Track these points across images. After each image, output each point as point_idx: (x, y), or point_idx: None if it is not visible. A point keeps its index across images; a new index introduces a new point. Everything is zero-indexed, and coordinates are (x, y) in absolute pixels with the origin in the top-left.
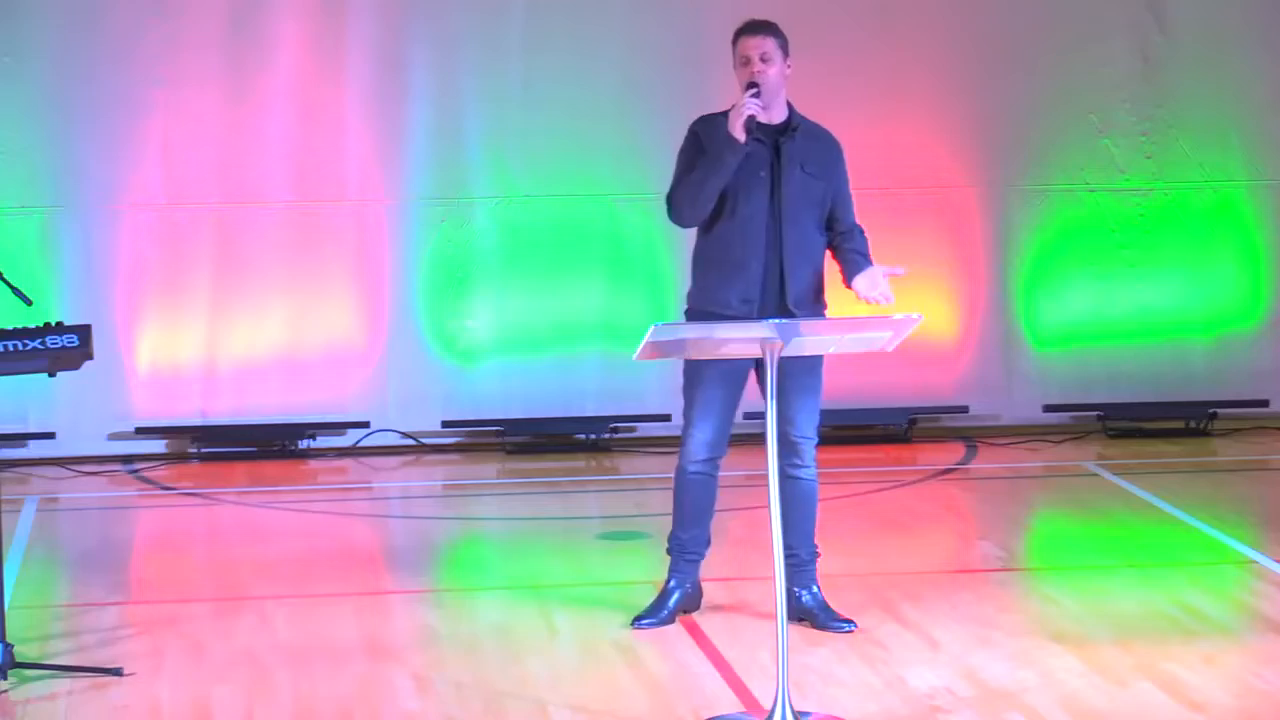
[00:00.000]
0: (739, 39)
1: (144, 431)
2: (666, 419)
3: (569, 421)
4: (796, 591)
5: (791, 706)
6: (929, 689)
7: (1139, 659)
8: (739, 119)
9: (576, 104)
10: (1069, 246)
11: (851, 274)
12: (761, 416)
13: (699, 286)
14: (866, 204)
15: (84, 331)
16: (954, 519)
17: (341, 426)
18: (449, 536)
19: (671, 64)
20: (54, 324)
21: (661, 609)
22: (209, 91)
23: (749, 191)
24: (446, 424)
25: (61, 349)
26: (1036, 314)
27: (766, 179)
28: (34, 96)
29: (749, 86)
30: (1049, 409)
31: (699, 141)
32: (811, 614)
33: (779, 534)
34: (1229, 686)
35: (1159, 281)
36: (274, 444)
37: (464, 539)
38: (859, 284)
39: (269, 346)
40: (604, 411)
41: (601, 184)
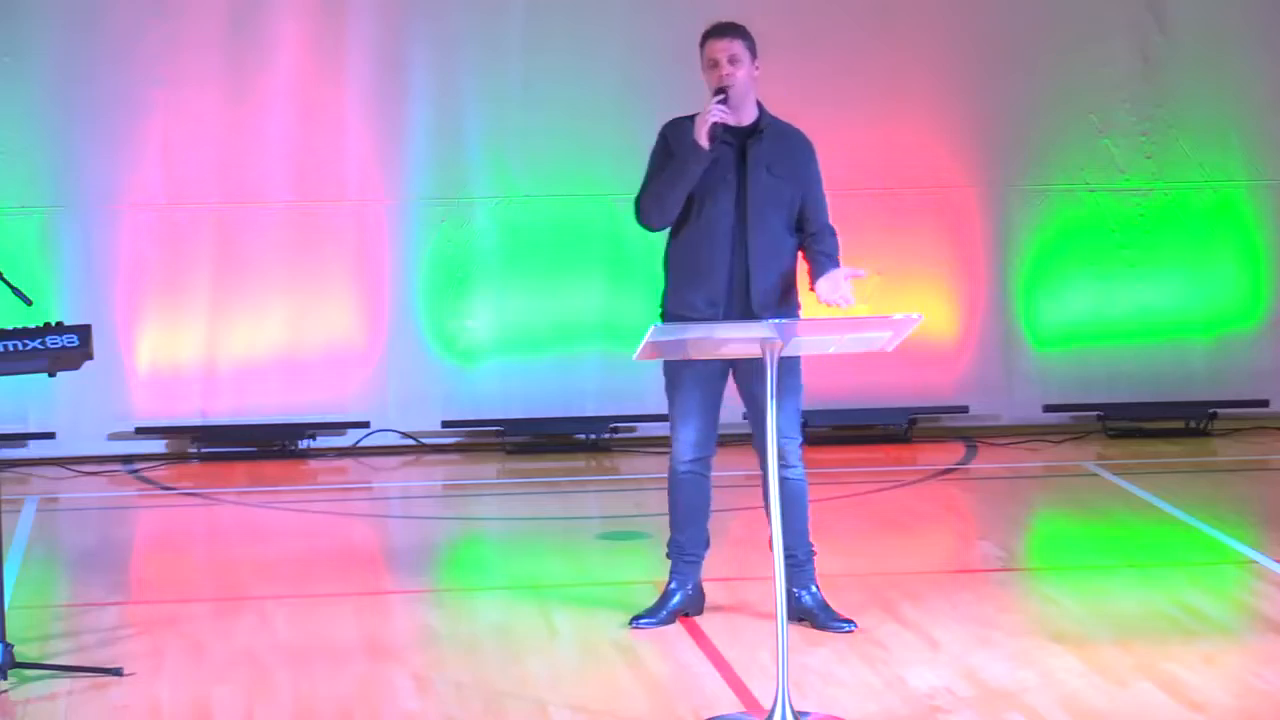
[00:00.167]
0: (706, 42)
1: (144, 431)
2: (666, 419)
3: (569, 421)
4: (796, 592)
5: (791, 706)
6: (929, 689)
7: (1139, 659)
8: (704, 126)
9: (576, 104)
10: (1069, 246)
11: (816, 276)
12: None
13: (669, 290)
14: (866, 204)
15: (84, 331)
16: (954, 519)
17: (341, 426)
18: (449, 536)
19: (671, 64)
20: (54, 324)
21: (661, 610)
22: (209, 91)
23: (715, 195)
24: (446, 424)
25: (61, 349)
26: (1036, 314)
27: (733, 182)
28: (34, 96)
29: (717, 92)
30: (1049, 409)
31: (668, 145)
32: (811, 614)
33: (779, 534)
34: (1229, 686)
35: (1159, 281)
36: (274, 444)
37: (464, 539)
38: (821, 286)
39: (269, 346)
40: (604, 411)
41: (601, 184)
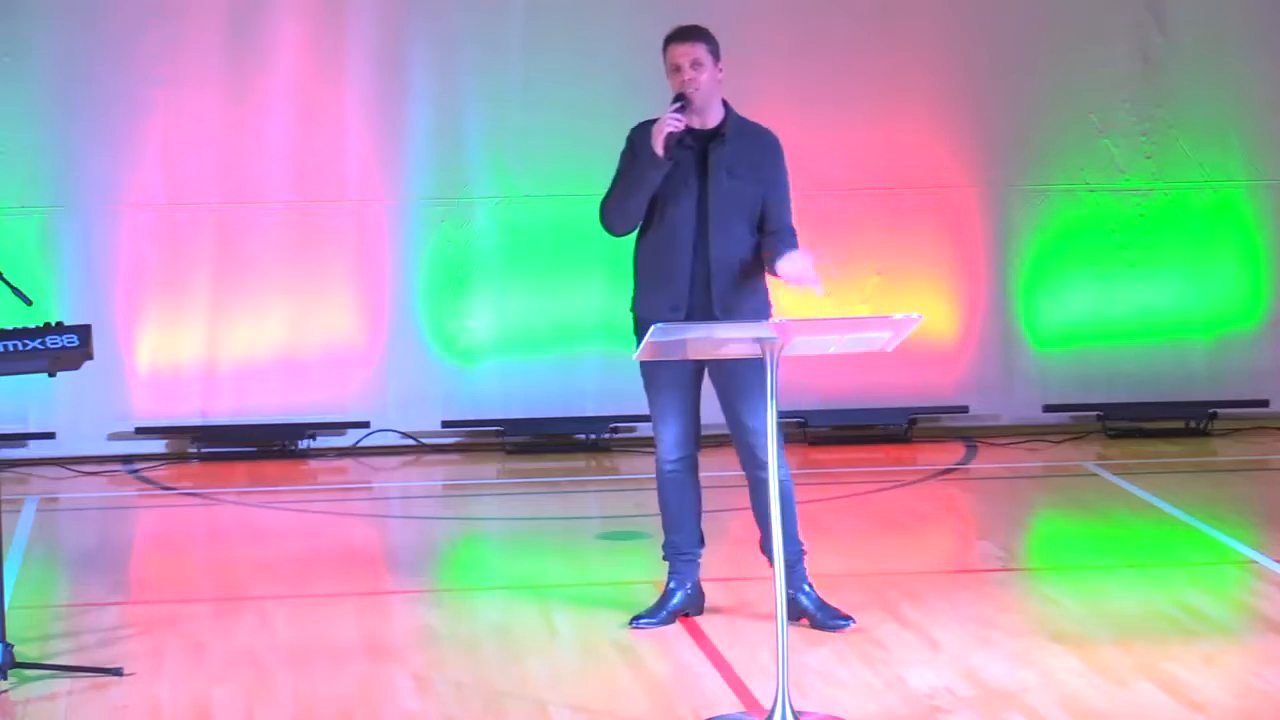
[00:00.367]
0: (668, 46)
1: (144, 431)
2: None
3: (569, 421)
4: (791, 593)
5: (791, 706)
6: (929, 689)
7: (1139, 659)
8: (659, 135)
9: (576, 104)
10: (1069, 246)
11: (774, 259)
12: None
13: (636, 293)
14: (866, 204)
15: (84, 331)
16: (954, 519)
17: (341, 426)
18: (449, 536)
19: None
20: (54, 324)
21: (661, 610)
22: (209, 91)
23: (676, 198)
24: (446, 424)
25: (61, 349)
26: (1036, 314)
27: (694, 186)
28: (34, 96)
29: (676, 99)
30: (1049, 409)
31: (634, 149)
32: (809, 613)
33: (779, 533)
34: (1229, 686)
35: (1159, 281)
36: (274, 444)
37: (464, 539)
38: (782, 267)
39: (269, 346)
40: (604, 411)
41: (601, 184)
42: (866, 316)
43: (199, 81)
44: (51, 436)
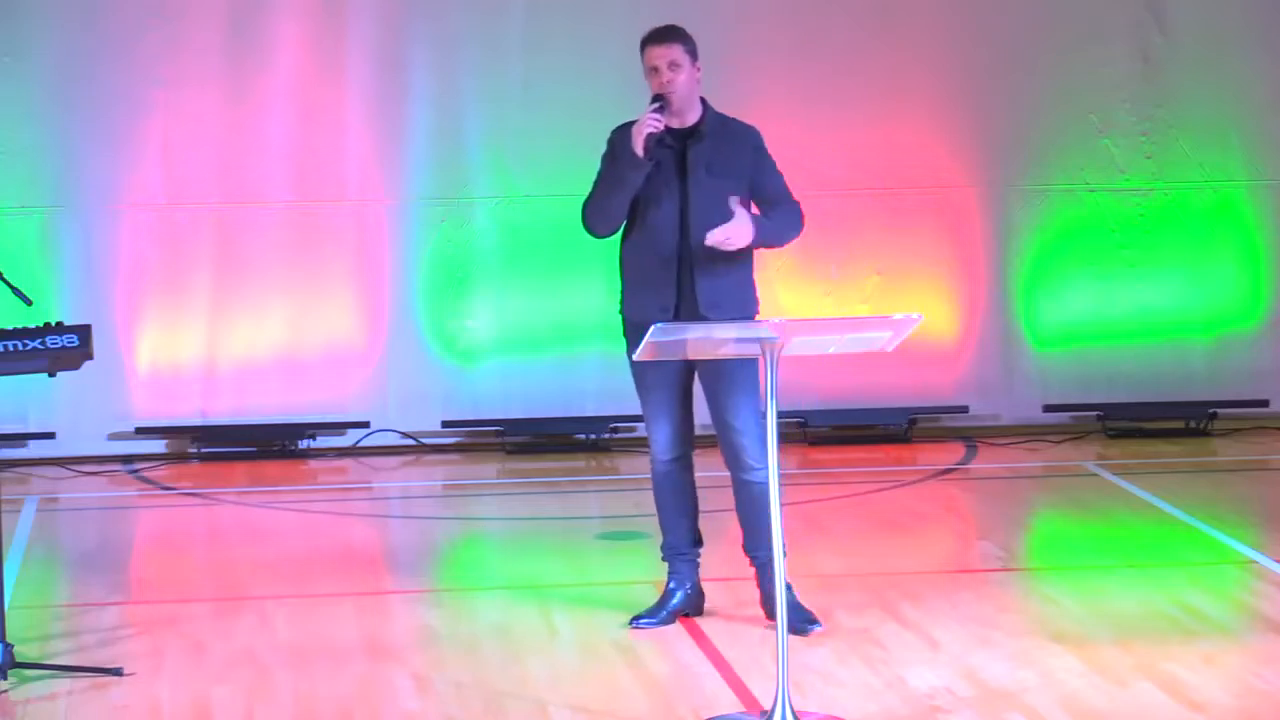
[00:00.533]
0: (645, 48)
1: (144, 431)
2: None
3: (569, 421)
4: (766, 591)
5: (791, 706)
6: (929, 689)
7: (1139, 659)
8: (639, 136)
9: (576, 104)
10: (1069, 246)
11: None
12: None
13: (624, 295)
14: (866, 204)
15: (84, 331)
16: (954, 519)
17: (341, 426)
18: (449, 536)
19: None
20: (54, 324)
21: (661, 610)
22: (209, 91)
23: (658, 199)
24: (446, 424)
25: (61, 349)
26: (1036, 314)
27: (675, 185)
28: (34, 96)
29: (655, 99)
30: (1049, 409)
31: (614, 151)
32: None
33: (779, 533)
34: (1229, 686)
35: (1159, 281)
36: (274, 444)
37: (464, 539)
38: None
39: (269, 346)
40: (604, 411)
41: None
42: (866, 316)
43: (199, 81)
44: (51, 436)
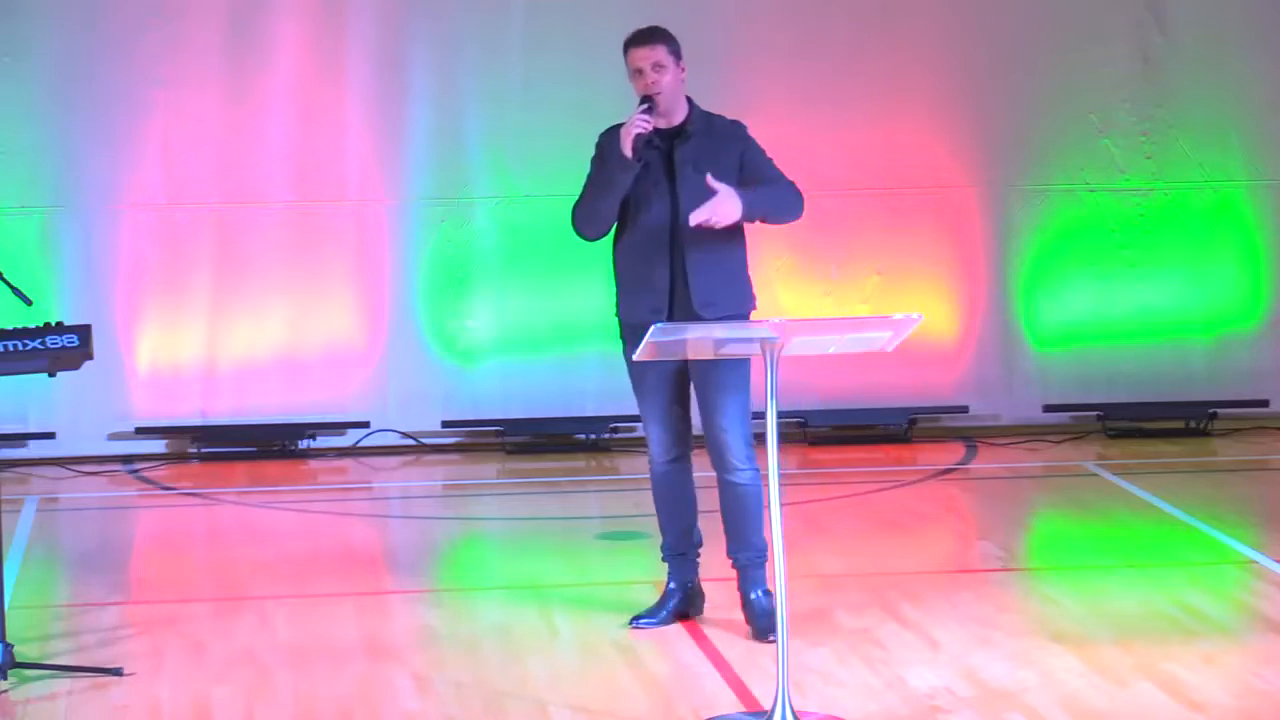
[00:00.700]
0: (628, 50)
1: (144, 431)
2: None
3: (569, 421)
4: (743, 594)
5: (791, 706)
6: (929, 689)
7: (1139, 659)
8: (627, 137)
9: (576, 104)
10: (1069, 246)
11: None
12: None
13: (619, 298)
14: (866, 204)
15: (84, 331)
16: (954, 519)
17: (341, 426)
18: (449, 536)
19: None
20: (54, 324)
21: (661, 610)
22: (209, 91)
23: (648, 200)
24: (446, 424)
25: (61, 349)
26: (1036, 314)
27: (664, 185)
28: (34, 96)
29: (643, 101)
30: (1049, 409)
31: (603, 154)
32: (753, 616)
33: (779, 533)
34: (1229, 686)
35: (1159, 281)
36: (274, 444)
37: (464, 539)
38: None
39: (269, 346)
40: (604, 411)
41: None
42: (866, 316)
43: (199, 81)
44: (51, 436)
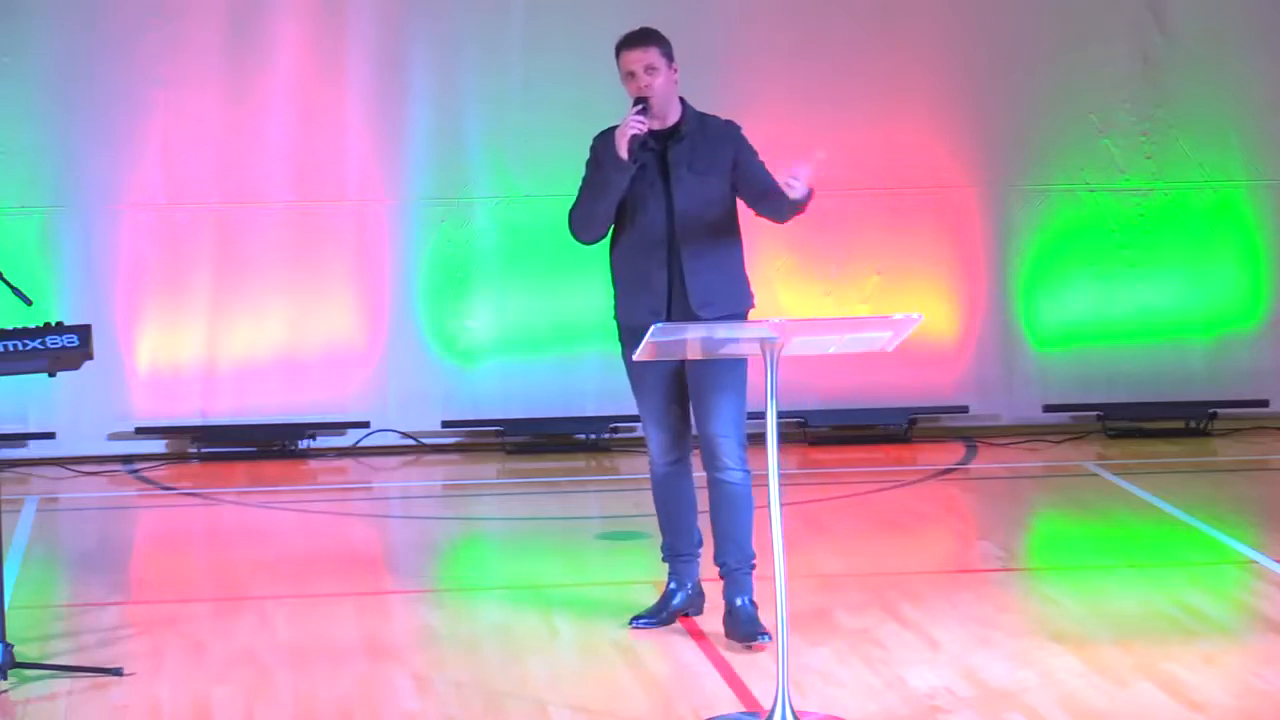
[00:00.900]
0: (620, 53)
1: (144, 431)
2: None
3: (569, 421)
4: (729, 597)
5: (791, 706)
6: (929, 689)
7: (1139, 659)
8: (622, 139)
9: (576, 104)
10: (1069, 246)
11: (780, 201)
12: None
13: (617, 300)
14: (866, 204)
15: (84, 331)
16: (954, 519)
17: (341, 426)
18: (449, 536)
19: None
20: (54, 324)
21: (661, 610)
22: (209, 91)
23: (644, 202)
24: (446, 424)
25: (61, 349)
26: (1036, 314)
27: (660, 187)
28: (34, 96)
29: (637, 103)
30: (1049, 409)
31: (596, 158)
32: (735, 623)
33: (779, 533)
34: (1229, 686)
35: (1159, 281)
36: (274, 444)
37: (464, 539)
38: (786, 190)
39: (269, 346)
40: (604, 411)
41: None
42: (866, 316)
43: (199, 81)
44: (51, 436)
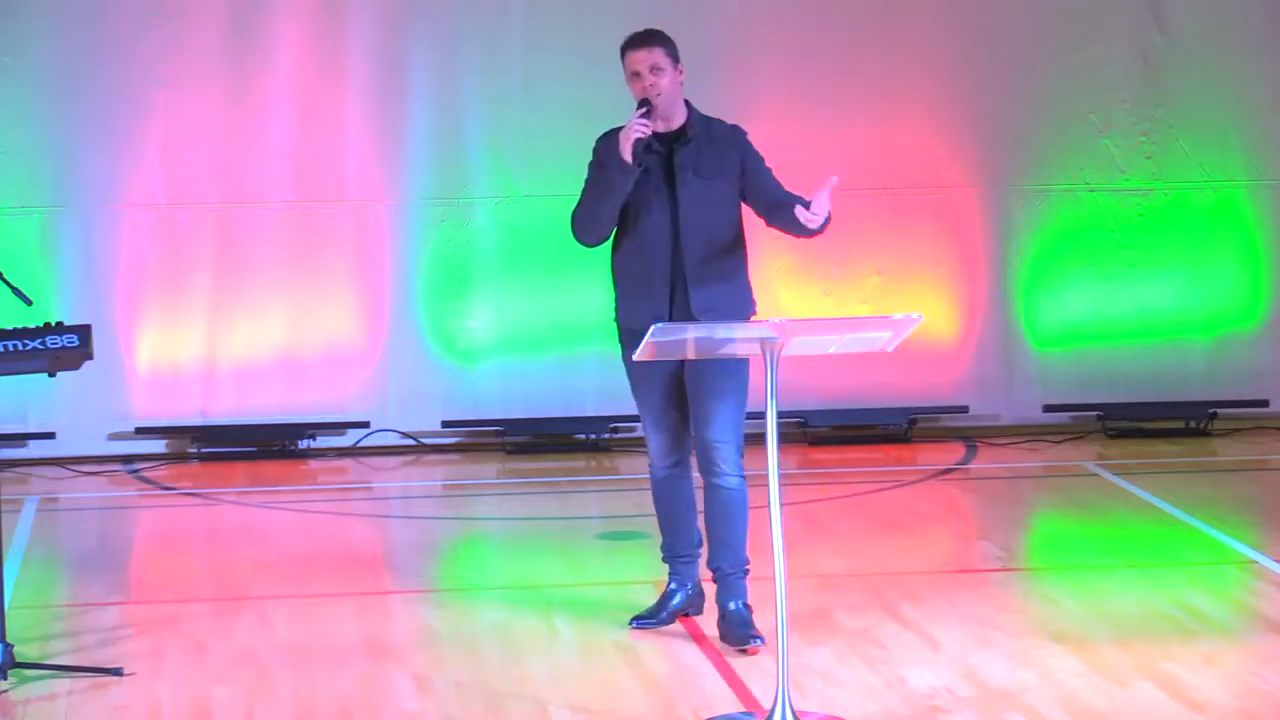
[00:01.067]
0: (626, 53)
1: (144, 431)
2: None
3: (569, 421)
4: (722, 601)
5: (791, 706)
6: (929, 689)
7: (1139, 659)
8: (627, 142)
9: (576, 104)
10: (1069, 246)
11: (796, 217)
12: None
13: (618, 303)
14: (866, 204)
15: (84, 331)
16: (954, 519)
17: (341, 426)
18: (449, 536)
19: None
20: (54, 324)
21: (661, 610)
22: (209, 91)
23: (648, 205)
24: (446, 424)
25: (61, 349)
26: (1036, 314)
27: (664, 190)
28: (34, 96)
29: (641, 104)
30: (1049, 409)
31: (600, 160)
32: (729, 627)
33: (779, 533)
34: (1229, 686)
35: (1159, 281)
36: (274, 444)
37: (464, 539)
38: (801, 215)
39: (269, 346)
40: (604, 411)
41: None
42: (866, 316)
43: (199, 81)
44: (51, 436)
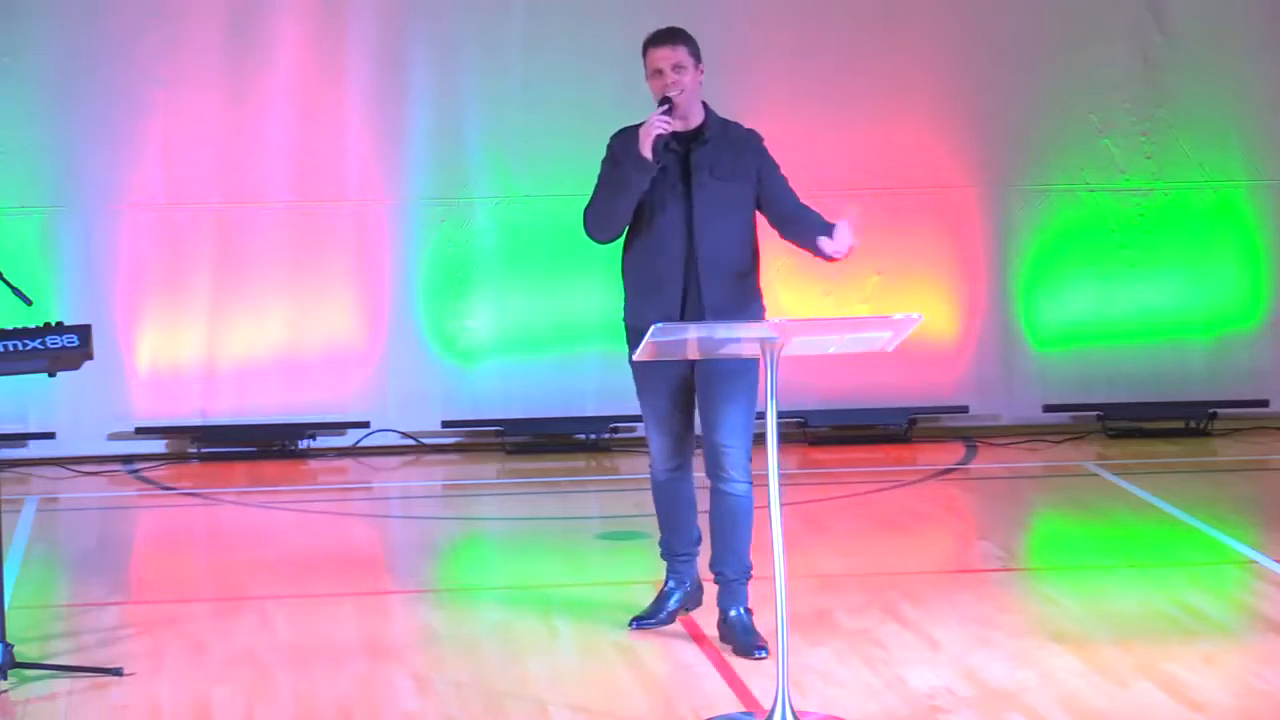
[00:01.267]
0: (648, 50)
1: (144, 431)
2: None
3: (569, 421)
4: (723, 606)
5: (791, 706)
6: (929, 689)
7: (1139, 659)
8: (647, 139)
9: (576, 104)
10: (1069, 246)
11: (815, 242)
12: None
13: (627, 302)
14: (867, 204)
15: (84, 331)
16: (954, 519)
17: (341, 426)
18: (449, 536)
19: None
20: (54, 324)
21: (660, 610)
22: (209, 91)
23: (663, 204)
24: (446, 424)
25: (61, 349)
26: (1036, 314)
27: (680, 189)
28: (34, 96)
29: (662, 102)
30: (1049, 409)
31: (615, 156)
32: (732, 634)
33: (779, 533)
34: (1229, 686)
35: (1159, 281)
36: (274, 444)
37: (464, 539)
38: (824, 245)
39: (269, 346)
40: (604, 411)
41: None
42: (866, 316)
43: (199, 81)
44: (51, 436)
